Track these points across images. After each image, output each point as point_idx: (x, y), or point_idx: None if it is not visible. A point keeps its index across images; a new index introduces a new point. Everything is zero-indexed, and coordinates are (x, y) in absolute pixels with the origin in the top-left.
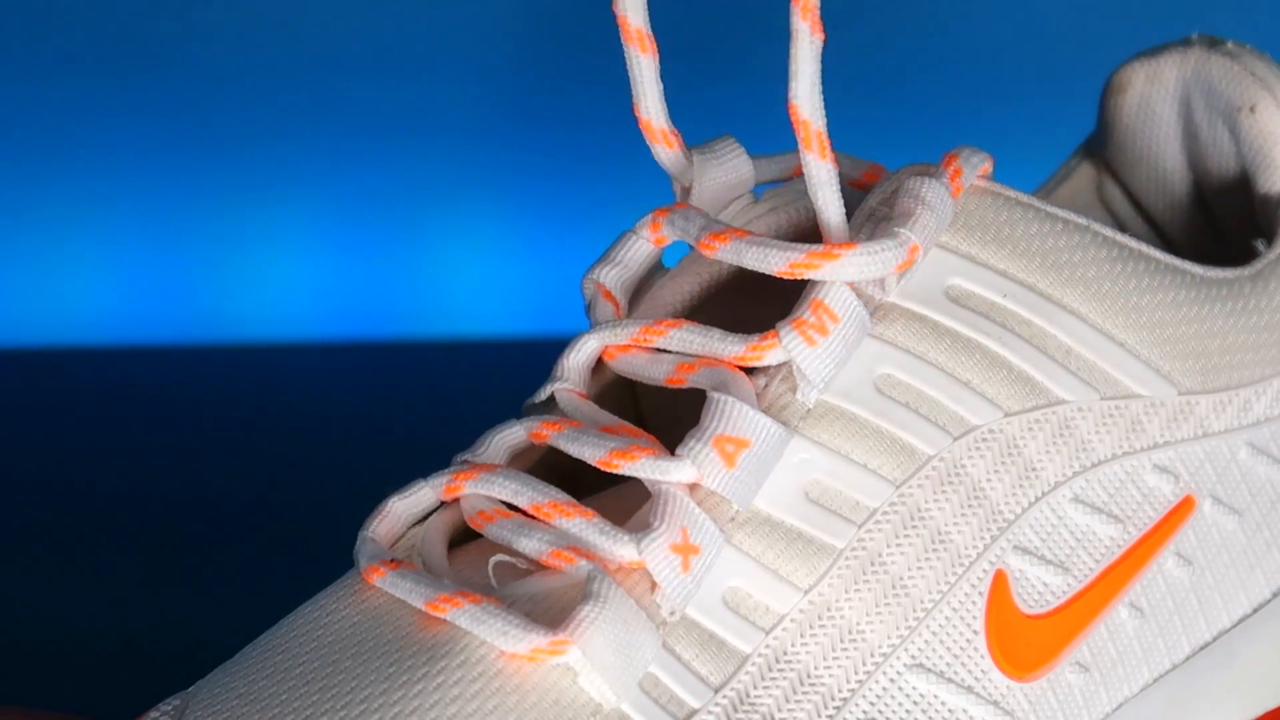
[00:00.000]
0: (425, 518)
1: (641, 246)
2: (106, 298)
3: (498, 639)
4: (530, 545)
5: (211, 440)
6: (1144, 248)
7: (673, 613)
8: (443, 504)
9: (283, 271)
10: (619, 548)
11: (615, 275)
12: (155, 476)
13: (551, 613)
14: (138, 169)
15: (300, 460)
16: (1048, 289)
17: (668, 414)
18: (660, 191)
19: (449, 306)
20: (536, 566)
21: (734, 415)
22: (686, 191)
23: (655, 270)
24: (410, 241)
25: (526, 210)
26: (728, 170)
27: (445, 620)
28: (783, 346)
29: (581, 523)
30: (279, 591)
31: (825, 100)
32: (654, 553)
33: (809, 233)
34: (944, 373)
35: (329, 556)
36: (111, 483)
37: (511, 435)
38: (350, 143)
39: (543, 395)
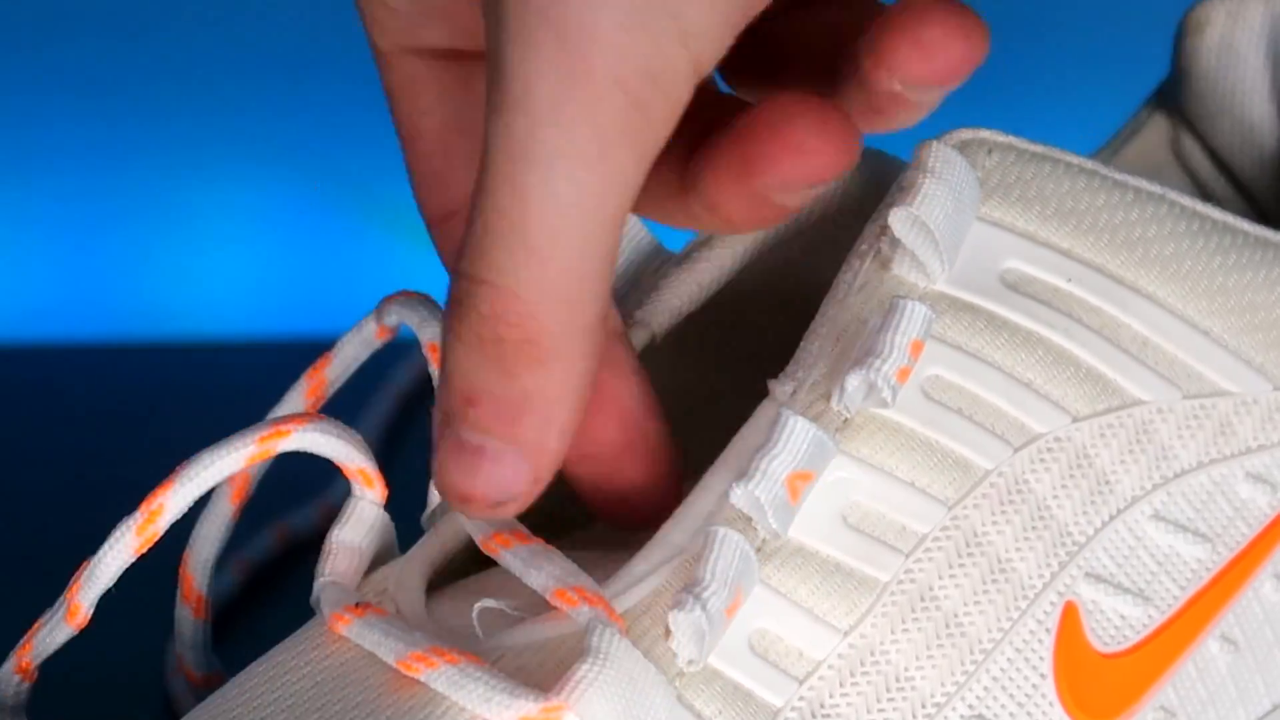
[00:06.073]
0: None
1: None
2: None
3: (480, 706)
4: (536, 580)
5: (136, 449)
6: (1230, 218)
7: (691, 661)
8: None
9: (221, 261)
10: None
11: None
12: (69, 488)
13: (546, 669)
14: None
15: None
16: (1119, 270)
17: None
18: None
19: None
20: (531, 611)
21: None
22: None
23: (655, 255)
24: (364, 227)
25: None
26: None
27: (420, 682)
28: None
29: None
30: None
31: None
32: (685, 625)
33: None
34: (1002, 373)
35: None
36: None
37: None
38: (301, 120)
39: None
